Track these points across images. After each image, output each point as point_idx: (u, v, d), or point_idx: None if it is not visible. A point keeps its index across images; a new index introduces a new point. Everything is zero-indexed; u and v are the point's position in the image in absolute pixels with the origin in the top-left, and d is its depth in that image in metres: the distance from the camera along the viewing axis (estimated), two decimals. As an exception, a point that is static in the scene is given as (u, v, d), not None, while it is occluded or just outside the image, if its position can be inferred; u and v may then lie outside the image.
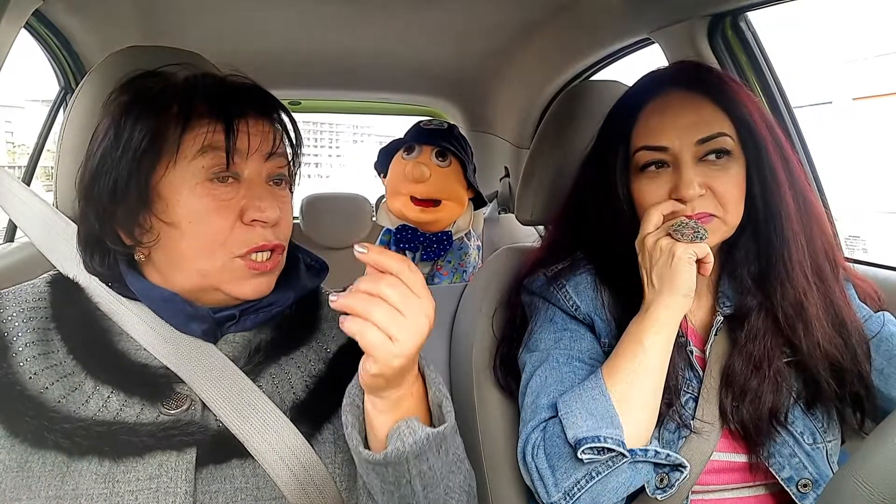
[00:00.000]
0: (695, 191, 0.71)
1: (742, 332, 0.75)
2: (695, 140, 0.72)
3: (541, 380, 0.76)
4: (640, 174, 0.76)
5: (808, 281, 0.74)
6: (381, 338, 0.48)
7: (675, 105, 0.75)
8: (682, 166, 0.72)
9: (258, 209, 0.59)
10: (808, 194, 0.77)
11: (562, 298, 0.80)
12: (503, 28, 1.47)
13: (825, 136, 9.68)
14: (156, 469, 0.55)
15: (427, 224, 1.38)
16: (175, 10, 1.35)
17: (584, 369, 0.75)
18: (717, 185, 0.72)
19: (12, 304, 0.60)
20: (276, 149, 0.62)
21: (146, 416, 0.58)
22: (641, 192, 0.76)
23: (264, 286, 0.62)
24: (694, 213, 0.71)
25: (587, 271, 0.81)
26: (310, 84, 2.01)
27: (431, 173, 1.33)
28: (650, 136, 0.75)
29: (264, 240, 0.60)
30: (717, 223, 0.73)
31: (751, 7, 1.06)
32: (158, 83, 0.61)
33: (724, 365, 0.75)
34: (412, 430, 0.51)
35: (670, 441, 0.73)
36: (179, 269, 0.60)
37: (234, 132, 0.58)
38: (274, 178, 0.63)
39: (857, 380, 0.74)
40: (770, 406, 0.72)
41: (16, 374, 0.56)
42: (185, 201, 0.58)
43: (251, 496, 0.58)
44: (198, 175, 0.58)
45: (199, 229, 0.58)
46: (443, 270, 1.41)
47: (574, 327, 0.79)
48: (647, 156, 0.75)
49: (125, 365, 0.59)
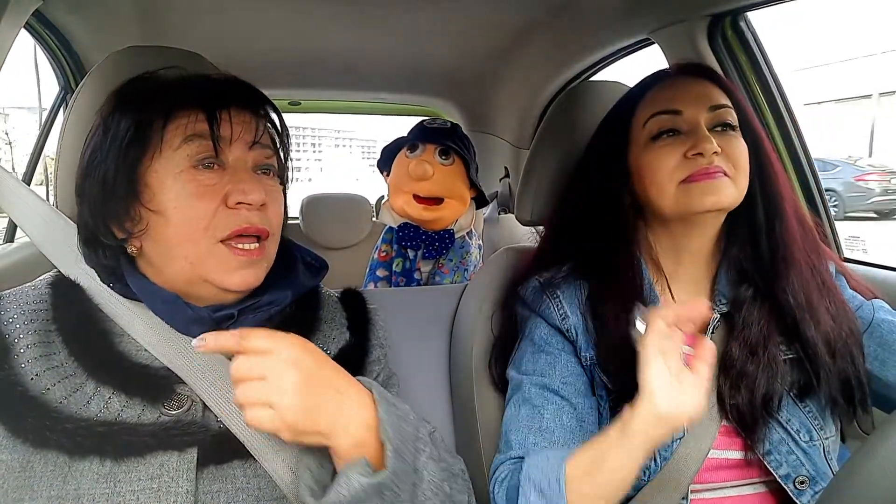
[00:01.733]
0: (712, 146, 0.72)
1: (739, 319, 0.76)
2: (708, 105, 0.75)
3: (514, 410, 0.78)
4: (652, 144, 0.77)
5: (807, 264, 0.76)
6: (263, 414, 0.49)
7: (684, 81, 0.78)
8: (697, 127, 0.74)
9: (241, 192, 0.59)
10: (791, 192, 0.81)
11: (553, 307, 0.81)
12: (503, 28, 1.47)
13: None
14: (157, 469, 0.55)
15: (429, 222, 1.39)
16: (175, 10, 1.35)
17: (555, 402, 0.76)
18: (729, 148, 0.74)
19: (13, 305, 0.61)
20: (260, 137, 0.63)
21: (147, 417, 0.58)
22: (656, 157, 0.76)
23: (252, 276, 0.61)
24: (712, 166, 0.72)
25: (579, 281, 0.82)
26: (310, 84, 2.01)
27: (434, 171, 1.33)
28: (664, 103, 0.77)
29: (248, 222, 0.60)
30: (730, 183, 0.74)
31: (751, 7, 1.06)
32: (146, 83, 0.63)
33: (721, 351, 0.75)
34: (348, 481, 0.50)
35: (663, 443, 0.73)
36: (169, 259, 0.60)
37: (216, 120, 0.59)
38: (261, 167, 0.64)
39: (849, 367, 0.75)
40: (763, 392, 0.73)
41: (18, 376, 0.56)
42: (171, 188, 0.59)
43: (253, 496, 0.58)
44: (182, 163, 0.59)
45: (183, 214, 0.58)
46: (444, 268, 1.41)
47: (552, 349, 0.80)
48: (661, 122, 0.76)
49: (126, 366, 0.60)
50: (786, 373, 0.75)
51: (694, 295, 0.81)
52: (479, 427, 0.89)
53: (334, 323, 0.73)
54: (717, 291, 0.79)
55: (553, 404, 0.76)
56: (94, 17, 1.33)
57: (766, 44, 1.13)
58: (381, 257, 1.46)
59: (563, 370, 0.78)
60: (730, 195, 0.73)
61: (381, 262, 1.46)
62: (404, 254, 1.43)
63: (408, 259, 1.43)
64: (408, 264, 1.42)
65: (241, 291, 0.62)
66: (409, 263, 1.42)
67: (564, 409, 0.76)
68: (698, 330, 0.79)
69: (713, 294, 0.80)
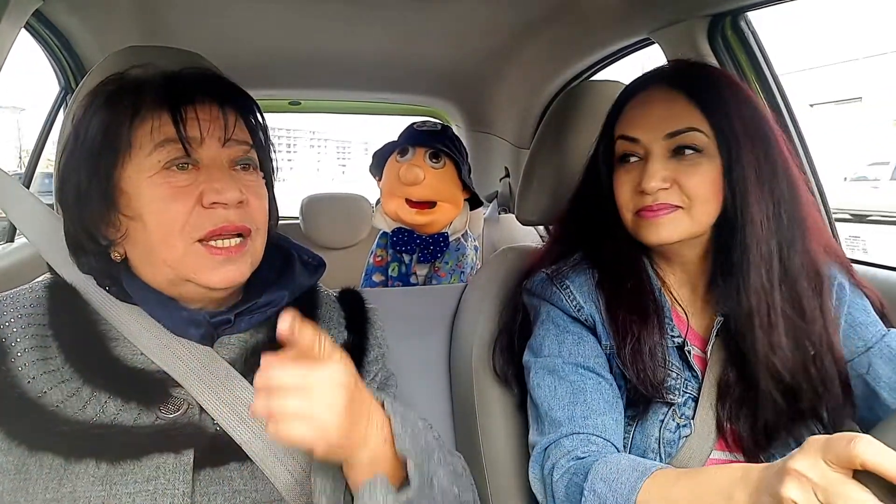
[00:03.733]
0: (655, 183, 0.71)
1: (733, 345, 0.74)
2: (664, 134, 0.73)
3: (550, 390, 0.76)
4: (619, 166, 0.78)
5: (769, 288, 0.71)
6: (301, 429, 0.46)
7: (653, 99, 0.76)
8: (648, 159, 0.73)
9: (215, 191, 0.58)
10: (795, 202, 0.74)
11: (564, 298, 0.80)
12: (503, 28, 1.47)
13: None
14: (153, 471, 0.55)
15: (423, 226, 1.38)
16: (175, 10, 1.35)
17: (592, 377, 0.75)
18: (685, 179, 0.72)
19: (10, 308, 0.60)
20: (232, 134, 0.61)
21: (143, 420, 0.58)
22: (617, 184, 0.77)
23: (234, 273, 0.60)
24: (655, 203, 0.72)
25: (589, 269, 0.81)
26: (310, 84, 2.01)
27: (425, 175, 1.32)
28: (627, 128, 0.77)
29: (226, 221, 0.58)
30: (681, 214, 0.72)
31: (751, 7, 1.06)
32: (114, 83, 0.62)
33: (720, 374, 0.75)
34: (373, 499, 0.49)
35: (670, 441, 0.74)
36: (150, 264, 0.60)
37: (181, 118, 0.58)
38: (239, 162, 0.63)
39: (814, 398, 0.72)
40: (765, 422, 0.72)
41: (14, 378, 0.56)
42: (144, 192, 0.58)
43: (249, 498, 0.58)
44: (155, 166, 0.58)
45: (158, 218, 0.58)
46: (440, 272, 1.40)
47: (576, 329, 0.79)
48: (622, 146, 0.77)
49: (121, 370, 0.59)
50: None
51: (691, 299, 0.81)
52: (479, 426, 0.89)
53: (332, 322, 0.73)
54: (714, 295, 0.79)
55: (591, 380, 0.75)
56: (94, 17, 1.33)
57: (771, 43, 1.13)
58: (376, 262, 1.45)
59: (591, 348, 0.78)
60: (679, 230, 0.72)
61: (376, 266, 1.45)
62: (400, 258, 1.42)
63: (403, 263, 1.42)
64: (404, 268, 1.42)
65: (226, 289, 0.61)
66: (405, 268, 1.42)
67: (602, 384, 0.75)
68: (703, 332, 0.79)
69: (710, 298, 0.79)
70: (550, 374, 0.77)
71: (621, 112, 0.79)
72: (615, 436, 0.72)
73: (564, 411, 0.73)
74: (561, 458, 0.70)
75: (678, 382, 0.75)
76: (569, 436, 0.71)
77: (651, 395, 0.73)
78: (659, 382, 0.73)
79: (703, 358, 0.77)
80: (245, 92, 0.65)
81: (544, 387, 0.77)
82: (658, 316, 0.76)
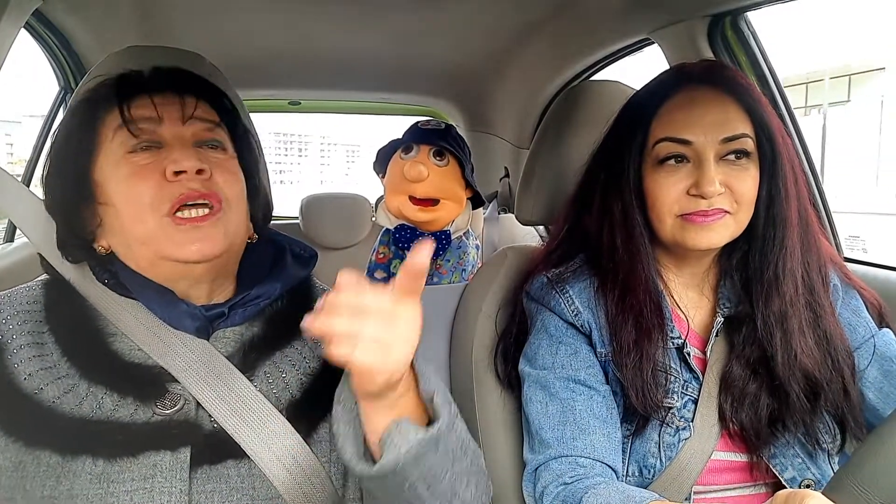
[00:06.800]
0: (716, 188, 0.70)
1: (740, 336, 0.75)
2: (720, 138, 0.72)
3: (542, 406, 0.77)
4: (658, 167, 0.75)
5: (796, 292, 0.74)
6: (375, 356, 0.46)
7: (702, 101, 0.74)
8: (704, 163, 0.71)
9: (174, 161, 0.59)
10: (809, 208, 0.77)
11: (563, 303, 0.80)
12: (503, 28, 1.47)
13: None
14: (150, 469, 0.55)
15: (425, 223, 1.38)
16: (175, 10, 1.35)
17: (583, 392, 0.75)
18: (736, 184, 0.72)
19: (7, 307, 0.61)
20: (193, 112, 0.63)
21: (140, 416, 0.57)
22: (658, 185, 0.74)
23: (205, 245, 0.59)
24: (711, 209, 0.71)
25: (590, 276, 0.81)
26: (309, 84, 2.01)
27: (429, 173, 1.33)
28: (674, 129, 0.74)
29: (189, 189, 0.59)
30: (730, 220, 0.73)
31: (751, 7, 1.06)
32: (94, 83, 0.65)
33: (723, 369, 0.75)
34: (404, 437, 0.50)
35: (670, 444, 0.74)
36: (128, 247, 0.61)
37: (127, 103, 0.60)
38: (207, 142, 0.64)
39: (835, 398, 0.73)
40: (769, 412, 0.72)
41: (11, 375, 0.56)
42: (112, 176, 0.60)
43: (247, 496, 0.58)
44: (119, 151, 0.60)
45: (126, 197, 0.59)
46: (442, 269, 1.41)
47: (570, 340, 0.79)
48: (669, 147, 0.74)
49: (118, 366, 0.59)
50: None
51: (696, 299, 0.81)
52: (479, 426, 0.89)
53: None
54: (720, 295, 0.79)
55: (582, 395, 0.75)
56: (94, 17, 1.33)
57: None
58: (378, 259, 1.46)
59: (584, 359, 0.78)
60: (726, 234, 0.73)
61: (378, 263, 1.45)
62: (402, 255, 1.43)
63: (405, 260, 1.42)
64: (406, 266, 1.42)
65: (200, 262, 0.60)
66: (408, 265, 1.42)
67: (594, 399, 0.75)
68: (702, 333, 0.79)
69: (717, 297, 0.79)
70: (542, 389, 0.78)
71: (656, 113, 0.76)
72: (606, 453, 0.72)
73: (554, 432, 0.74)
74: (550, 483, 0.71)
75: (677, 385, 0.75)
76: (557, 458, 0.72)
77: (648, 413, 0.73)
78: (657, 403, 0.73)
79: (703, 358, 0.77)
80: (209, 82, 0.67)
81: (536, 402, 0.78)
82: (661, 327, 0.75)
